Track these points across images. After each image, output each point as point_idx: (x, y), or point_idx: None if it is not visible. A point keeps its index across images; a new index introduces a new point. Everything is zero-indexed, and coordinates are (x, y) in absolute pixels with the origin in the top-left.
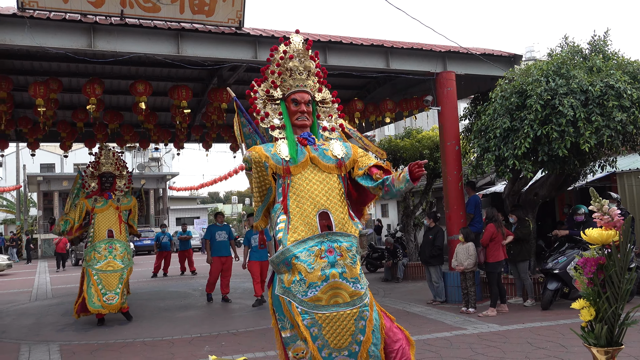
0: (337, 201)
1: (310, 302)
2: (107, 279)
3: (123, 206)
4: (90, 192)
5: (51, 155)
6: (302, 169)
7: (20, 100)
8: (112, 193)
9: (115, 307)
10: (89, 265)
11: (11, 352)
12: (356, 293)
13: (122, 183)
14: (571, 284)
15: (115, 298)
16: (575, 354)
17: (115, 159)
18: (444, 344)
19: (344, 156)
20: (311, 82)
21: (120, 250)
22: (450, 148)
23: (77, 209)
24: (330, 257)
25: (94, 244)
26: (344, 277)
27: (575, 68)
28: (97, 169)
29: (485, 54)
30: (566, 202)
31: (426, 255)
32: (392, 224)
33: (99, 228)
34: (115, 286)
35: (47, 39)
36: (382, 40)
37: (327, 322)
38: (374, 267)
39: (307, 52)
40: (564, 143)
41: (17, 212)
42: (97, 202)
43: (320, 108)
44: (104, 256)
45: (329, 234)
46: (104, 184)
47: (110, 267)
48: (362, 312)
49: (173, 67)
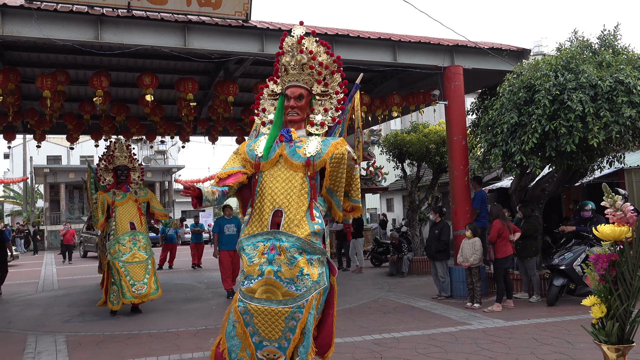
0: (295, 201)
1: (246, 292)
2: (134, 270)
3: (141, 198)
4: (107, 186)
5: (57, 147)
6: (271, 165)
7: (28, 92)
8: (128, 186)
9: (145, 295)
10: (114, 258)
11: (18, 343)
12: (289, 293)
13: (136, 175)
14: (577, 280)
15: (144, 287)
16: (582, 351)
17: (128, 151)
18: (449, 339)
19: (315, 155)
20: (306, 76)
21: (143, 241)
22: (457, 143)
23: (99, 203)
24: (270, 254)
25: (117, 236)
26: (278, 276)
27: (584, 63)
28: (111, 162)
29: (493, 48)
30: (573, 198)
31: (432, 250)
32: (397, 219)
33: (121, 221)
34: (142, 276)
35: (54, 30)
36: (390, 34)
37: (258, 313)
38: (378, 262)
39: (298, 46)
40: (572, 138)
41: (24, 204)
42: (116, 196)
43: (317, 101)
44: (129, 248)
45: (276, 232)
46: (119, 177)
47: (136, 259)
48: (294, 313)
49: (179, 60)
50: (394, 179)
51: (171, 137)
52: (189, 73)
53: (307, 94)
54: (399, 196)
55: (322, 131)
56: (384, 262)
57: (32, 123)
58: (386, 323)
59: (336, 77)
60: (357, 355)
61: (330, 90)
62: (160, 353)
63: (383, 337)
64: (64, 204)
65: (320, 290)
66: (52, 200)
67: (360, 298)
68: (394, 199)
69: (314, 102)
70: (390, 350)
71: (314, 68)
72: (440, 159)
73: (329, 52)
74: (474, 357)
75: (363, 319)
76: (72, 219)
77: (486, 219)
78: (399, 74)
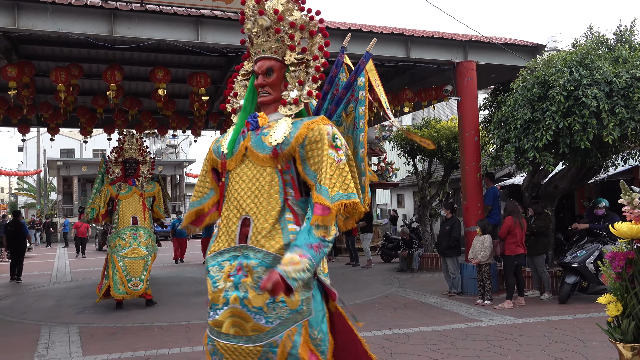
0: (263, 205)
1: (213, 325)
2: (132, 266)
3: (147, 193)
4: (115, 179)
5: (71, 140)
6: (237, 162)
7: (42, 86)
8: (135, 179)
9: (139, 293)
10: (113, 251)
11: (32, 333)
12: (258, 327)
13: (146, 169)
14: (590, 278)
15: (140, 284)
16: (594, 349)
17: (138, 144)
18: (460, 335)
19: (282, 142)
20: (274, 43)
21: (144, 237)
22: (469, 139)
23: (102, 195)
24: (237, 276)
25: (118, 230)
26: (244, 304)
27: (600, 59)
28: (120, 154)
29: (507, 44)
30: (586, 196)
31: (443, 246)
32: (407, 215)
33: (124, 215)
34: (140, 273)
35: (68, 24)
36: (402, 29)
37: (228, 353)
38: (389, 257)
39: (258, 6)
40: (586, 135)
41: (37, 196)
42: (121, 189)
43: (291, 74)
44: (129, 243)
45: (243, 247)
46: (128, 170)
47: (135, 254)
48: (266, 354)
49: (192, 54)
50: (405, 175)
51: (183, 131)
52: (201, 67)
53: (278, 66)
54: (410, 192)
55: (296, 110)
56: (394, 258)
57: (47, 116)
58: (396, 319)
59: (316, 39)
60: None
61: (307, 56)
62: (172, 345)
63: (393, 333)
64: (76, 197)
65: (305, 322)
66: (65, 193)
67: (371, 293)
68: (405, 194)
69: (288, 76)
70: (401, 346)
71: (280, 32)
72: (452, 155)
73: (303, 8)
74: (485, 353)
75: (373, 315)
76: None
77: (498, 216)
78: (411, 69)
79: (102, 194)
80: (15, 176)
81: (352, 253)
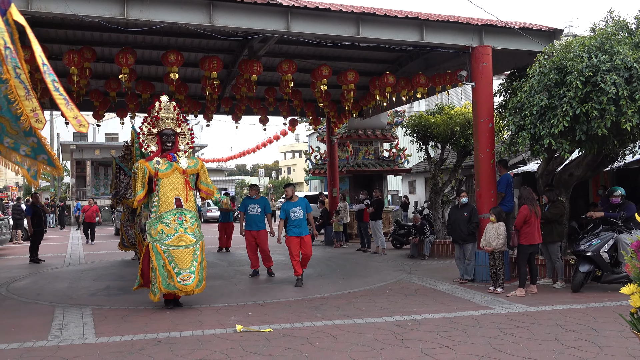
0: None
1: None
2: (179, 256)
3: (190, 169)
4: (150, 154)
5: None
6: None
7: (55, 69)
8: (175, 154)
9: (191, 287)
10: (155, 240)
11: (46, 314)
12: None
13: (185, 142)
14: (604, 267)
15: (190, 277)
16: (607, 338)
17: (176, 113)
18: (471, 323)
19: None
20: None
21: (190, 221)
22: (483, 125)
23: (139, 174)
24: None
25: (160, 215)
26: None
27: (619, 44)
28: (155, 125)
29: (524, 28)
30: (601, 184)
31: (464, 232)
32: (419, 201)
33: (165, 196)
34: (189, 263)
35: (81, 7)
36: (417, 13)
37: None
38: (399, 244)
39: None
40: (604, 122)
41: (51, 180)
42: (160, 165)
43: None
44: (174, 229)
45: None
46: (165, 143)
47: (182, 242)
48: None
49: (204, 38)
50: (417, 161)
51: (195, 115)
52: (214, 51)
53: None
54: (422, 178)
55: None
56: (405, 245)
57: None
58: (407, 305)
59: None
60: (378, 336)
61: None
62: (184, 328)
63: (404, 319)
64: (89, 180)
65: None
66: (79, 177)
67: (381, 279)
68: (417, 181)
69: None
70: (412, 332)
71: None
72: (465, 141)
73: None
74: (497, 341)
75: (384, 300)
76: (97, 195)
77: (511, 203)
78: (425, 54)
79: (138, 172)
80: None
81: (362, 239)
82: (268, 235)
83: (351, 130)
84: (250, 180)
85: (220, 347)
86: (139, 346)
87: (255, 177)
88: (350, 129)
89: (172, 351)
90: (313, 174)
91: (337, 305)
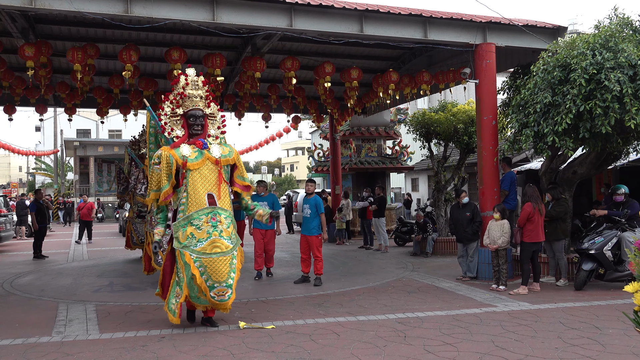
0: None
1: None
2: (213, 266)
3: (224, 159)
4: (174, 140)
5: (87, 121)
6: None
7: (59, 66)
8: (205, 140)
9: (228, 304)
10: (184, 246)
11: (50, 310)
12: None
13: (215, 127)
14: (607, 265)
15: (227, 292)
16: (610, 336)
17: (205, 89)
18: (474, 320)
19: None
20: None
21: (226, 223)
22: (486, 123)
23: (163, 164)
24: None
25: (189, 215)
26: None
27: (624, 41)
28: (180, 105)
29: (527, 25)
30: (604, 182)
31: (468, 232)
32: (422, 199)
33: (196, 192)
34: (225, 275)
35: (84, 3)
36: (421, 10)
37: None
38: (402, 241)
39: None
40: (607, 120)
41: (54, 176)
42: (189, 154)
43: None
44: (206, 232)
45: None
46: (193, 127)
47: (217, 249)
48: None
49: (207, 35)
50: (420, 159)
51: None
52: (217, 48)
53: None
54: (424, 176)
55: None
56: (408, 242)
57: (64, 96)
58: (410, 302)
59: None
60: (380, 334)
61: None
62: (187, 325)
63: (407, 317)
64: (92, 177)
65: None
66: (82, 173)
67: (384, 277)
68: (419, 178)
69: None
70: (414, 330)
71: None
72: (469, 139)
73: None
74: (499, 339)
75: (386, 298)
76: (100, 192)
77: (515, 201)
78: (428, 51)
79: (162, 162)
80: (33, 156)
81: (365, 236)
82: (275, 234)
83: (354, 128)
84: (252, 178)
85: (223, 344)
86: (142, 342)
87: (258, 174)
88: (353, 127)
89: (175, 347)
90: (316, 171)
91: (340, 302)
